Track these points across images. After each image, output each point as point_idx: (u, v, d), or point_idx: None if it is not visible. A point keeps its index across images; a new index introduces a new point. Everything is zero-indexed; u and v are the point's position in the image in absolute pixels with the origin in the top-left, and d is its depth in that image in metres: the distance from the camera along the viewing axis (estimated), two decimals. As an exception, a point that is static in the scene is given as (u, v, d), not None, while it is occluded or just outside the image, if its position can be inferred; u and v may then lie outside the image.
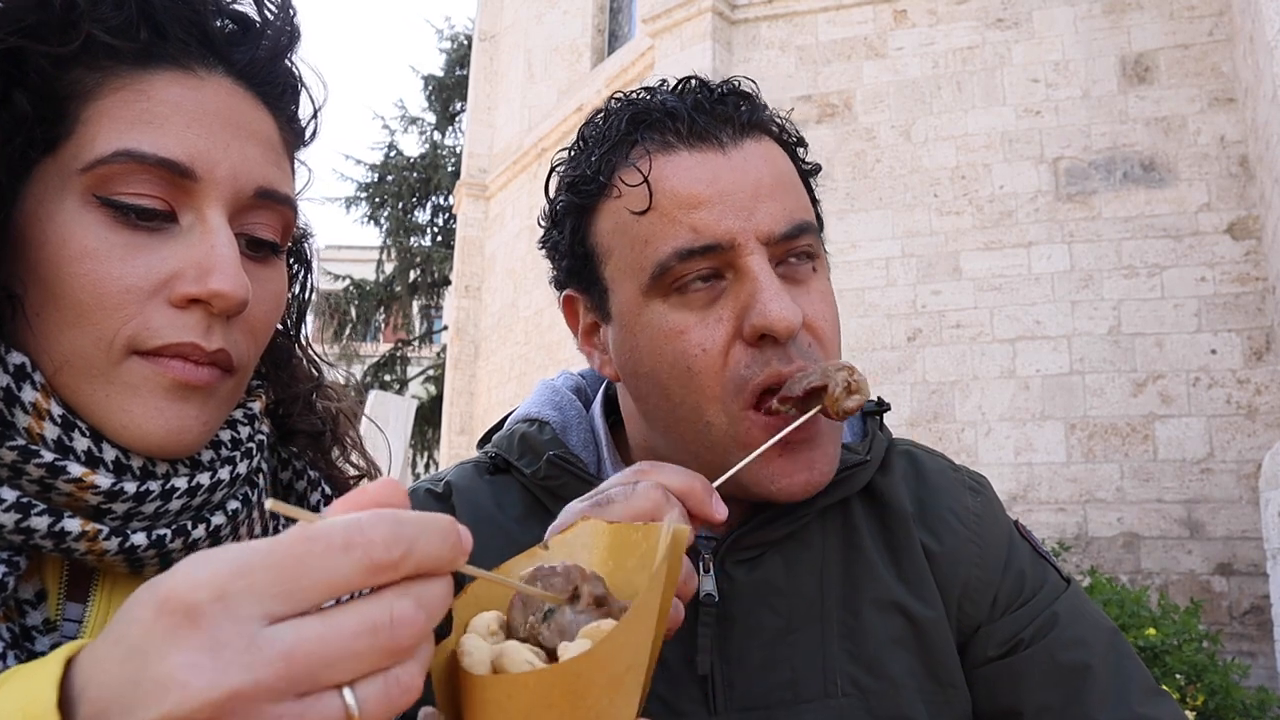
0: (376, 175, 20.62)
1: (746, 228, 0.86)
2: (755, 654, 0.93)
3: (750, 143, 0.91)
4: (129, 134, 0.62)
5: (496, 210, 12.49)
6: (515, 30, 12.93)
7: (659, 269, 0.87)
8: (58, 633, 0.58)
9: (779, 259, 0.89)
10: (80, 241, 0.60)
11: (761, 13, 8.37)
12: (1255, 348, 6.51)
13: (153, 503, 0.60)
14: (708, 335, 0.86)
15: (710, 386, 0.86)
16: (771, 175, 0.90)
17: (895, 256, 7.43)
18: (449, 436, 12.22)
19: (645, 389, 0.92)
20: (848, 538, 0.99)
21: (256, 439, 0.71)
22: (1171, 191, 6.89)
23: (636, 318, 0.90)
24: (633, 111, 0.92)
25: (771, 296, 0.84)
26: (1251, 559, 6.16)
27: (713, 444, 0.88)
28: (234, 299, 0.63)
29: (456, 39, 20.93)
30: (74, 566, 0.63)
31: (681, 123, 0.89)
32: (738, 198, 0.87)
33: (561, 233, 0.97)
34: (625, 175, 0.89)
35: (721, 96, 0.93)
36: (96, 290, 0.60)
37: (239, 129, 0.67)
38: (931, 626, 0.95)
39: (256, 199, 0.67)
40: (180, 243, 0.63)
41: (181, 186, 0.63)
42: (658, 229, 0.87)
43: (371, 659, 0.40)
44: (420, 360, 20.89)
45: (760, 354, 0.86)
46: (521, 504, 1.00)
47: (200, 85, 0.66)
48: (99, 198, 0.61)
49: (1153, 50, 7.14)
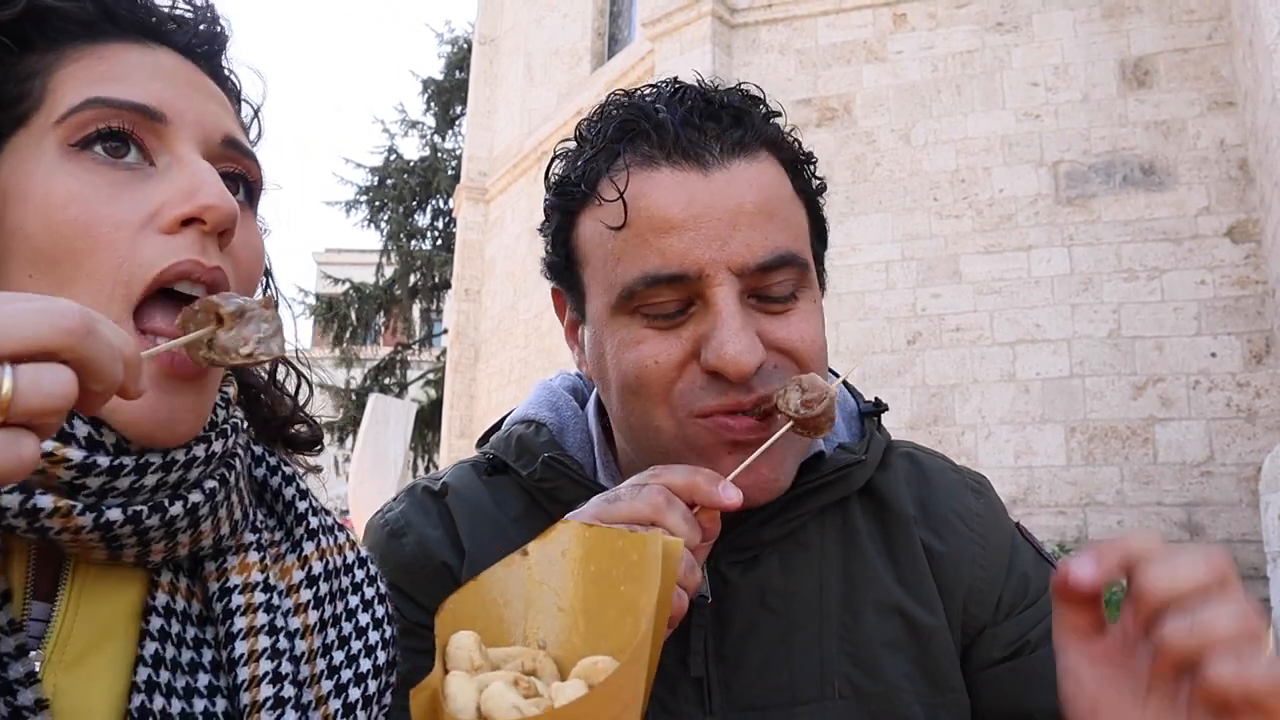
0: (376, 179, 20.65)
1: (718, 258, 0.83)
2: (751, 655, 0.92)
3: (739, 163, 0.87)
4: (96, 86, 0.64)
5: (496, 214, 12.50)
6: (515, 34, 12.95)
7: (626, 291, 0.86)
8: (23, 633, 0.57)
9: (753, 290, 0.86)
10: (65, 187, 0.61)
11: (761, 16, 8.38)
12: (1255, 351, 6.51)
13: (127, 477, 0.59)
14: (663, 349, 0.86)
15: (658, 394, 0.86)
16: (756, 200, 0.86)
17: (895, 260, 7.44)
18: (449, 440, 12.22)
19: (610, 395, 0.93)
20: (846, 538, 0.98)
21: (231, 421, 0.71)
22: (1171, 195, 6.90)
23: (604, 326, 0.90)
24: (622, 118, 0.90)
25: (730, 335, 0.82)
26: (1251, 562, 6.15)
27: (663, 448, 0.88)
28: (224, 210, 0.63)
29: (456, 43, 20.97)
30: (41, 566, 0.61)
31: (667, 136, 0.86)
32: (713, 225, 0.83)
33: (549, 231, 0.97)
34: (605, 188, 0.88)
35: (716, 111, 0.89)
36: (89, 232, 0.61)
37: (197, 87, 0.69)
38: (930, 630, 0.95)
39: (224, 148, 0.69)
40: (161, 179, 0.64)
41: (153, 130, 0.65)
42: (628, 249, 0.86)
43: (38, 329, 0.41)
44: (420, 363, 20.90)
45: (715, 383, 0.84)
46: (519, 504, 1.00)
47: (154, 52, 0.69)
48: (75, 144, 0.62)
49: (1152, 54, 7.15)
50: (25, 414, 0.40)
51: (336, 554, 0.76)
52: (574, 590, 0.62)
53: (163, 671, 0.61)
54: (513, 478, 1.02)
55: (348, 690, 0.70)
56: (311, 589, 0.72)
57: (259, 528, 0.73)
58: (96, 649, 0.61)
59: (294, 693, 0.66)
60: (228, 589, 0.67)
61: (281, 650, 0.67)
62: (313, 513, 0.77)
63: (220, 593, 0.67)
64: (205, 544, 0.66)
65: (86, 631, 0.61)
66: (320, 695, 0.68)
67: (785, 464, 0.89)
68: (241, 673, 0.65)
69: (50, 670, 0.59)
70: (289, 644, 0.68)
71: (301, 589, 0.72)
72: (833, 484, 0.95)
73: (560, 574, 0.62)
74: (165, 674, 0.62)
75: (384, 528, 1.02)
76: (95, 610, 0.62)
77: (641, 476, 0.78)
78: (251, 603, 0.67)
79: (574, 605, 0.61)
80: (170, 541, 0.63)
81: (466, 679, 0.52)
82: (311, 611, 0.71)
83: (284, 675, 0.66)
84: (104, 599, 0.63)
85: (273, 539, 0.74)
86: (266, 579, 0.69)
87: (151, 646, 0.62)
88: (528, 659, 0.57)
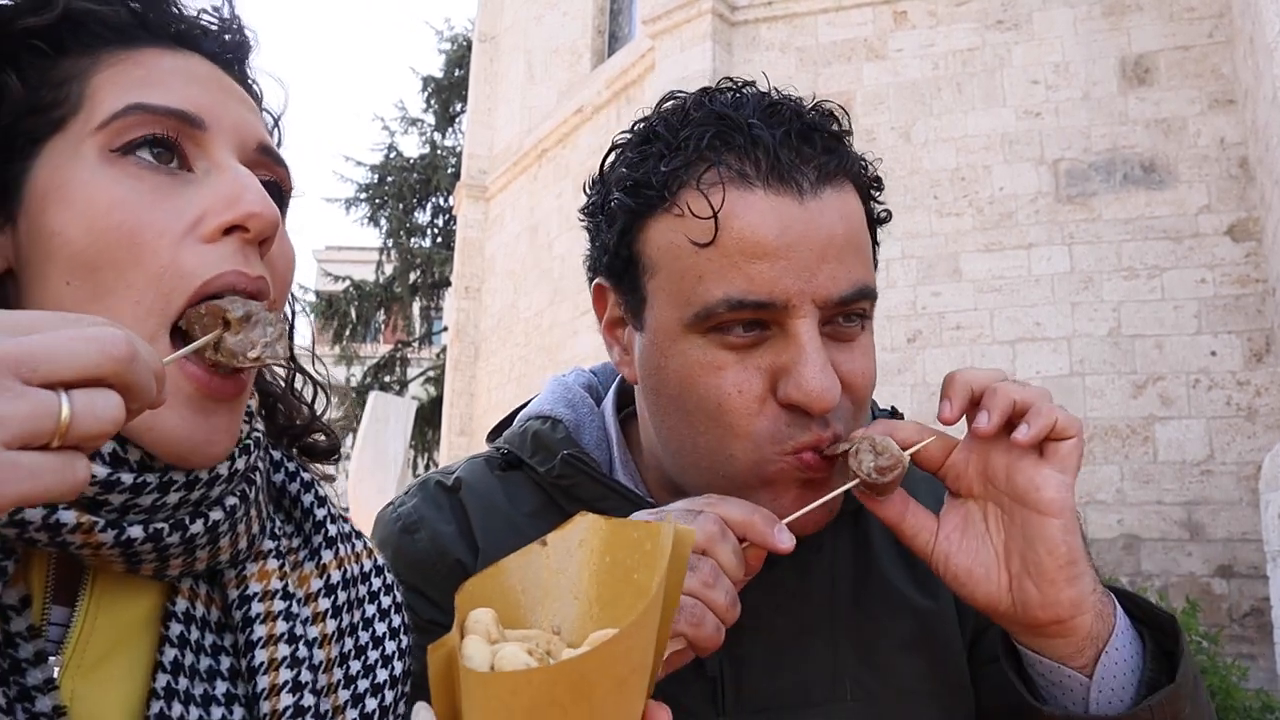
0: (376, 176, 20.63)
1: (805, 290, 0.82)
2: (765, 656, 0.92)
3: (829, 191, 0.85)
4: (135, 92, 0.64)
5: (496, 211, 12.50)
6: (515, 31, 12.93)
7: (705, 311, 0.83)
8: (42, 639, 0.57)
9: (829, 319, 0.85)
10: (108, 192, 0.61)
11: (761, 14, 8.38)
12: (1255, 349, 6.51)
13: (149, 495, 0.59)
14: (745, 379, 0.84)
15: (741, 425, 0.84)
16: (844, 232, 0.84)
17: (895, 258, 7.43)
18: (449, 438, 12.22)
19: (666, 409, 0.90)
20: (859, 541, 0.99)
21: (253, 436, 0.70)
22: (1171, 193, 6.89)
23: (672, 344, 0.87)
24: (716, 128, 0.85)
25: (814, 373, 0.81)
26: (1252, 561, 6.16)
27: (733, 476, 0.86)
28: (268, 218, 0.64)
29: (456, 40, 20.94)
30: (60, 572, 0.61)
31: (765, 155, 0.83)
32: (804, 256, 0.82)
33: (610, 228, 0.92)
34: (693, 200, 0.84)
35: (809, 130, 0.86)
36: (132, 240, 0.60)
37: (230, 93, 0.70)
38: (941, 626, 0.96)
39: (259, 154, 0.69)
40: (201, 186, 0.64)
41: (192, 137, 0.65)
42: (714, 269, 0.83)
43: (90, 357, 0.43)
44: (420, 361, 20.89)
45: (795, 417, 0.84)
46: (534, 500, 0.99)
47: (186, 58, 0.69)
48: (117, 150, 0.62)
49: (1153, 52, 7.14)
50: (79, 438, 0.42)
51: (354, 562, 0.76)
52: (589, 579, 0.63)
53: (181, 679, 0.61)
54: (527, 474, 1.01)
55: (364, 700, 0.70)
56: (329, 598, 0.72)
57: (277, 534, 0.73)
58: (114, 654, 0.61)
59: (313, 702, 0.66)
60: (247, 596, 0.67)
61: (301, 659, 0.67)
62: (331, 520, 0.77)
63: (240, 600, 0.67)
64: (223, 559, 0.66)
65: (105, 637, 0.61)
66: (337, 705, 0.68)
67: (837, 504, 0.88)
68: (261, 681, 0.64)
69: (68, 676, 0.59)
70: (308, 652, 0.67)
71: (320, 597, 0.72)
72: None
73: (576, 564, 0.63)
74: (184, 681, 0.62)
75: (396, 522, 1.01)
76: (115, 615, 0.62)
77: (695, 502, 0.78)
78: (271, 610, 0.67)
79: (589, 593, 0.62)
80: (189, 557, 0.63)
81: (483, 643, 0.54)
82: (329, 621, 0.71)
83: (304, 684, 0.66)
84: (124, 604, 0.63)
85: (290, 545, 0.74)
86: (285, 586, 0.69)
87: (171, 653, 0.62)
88: (542, 640, 0.58)
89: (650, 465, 1.00)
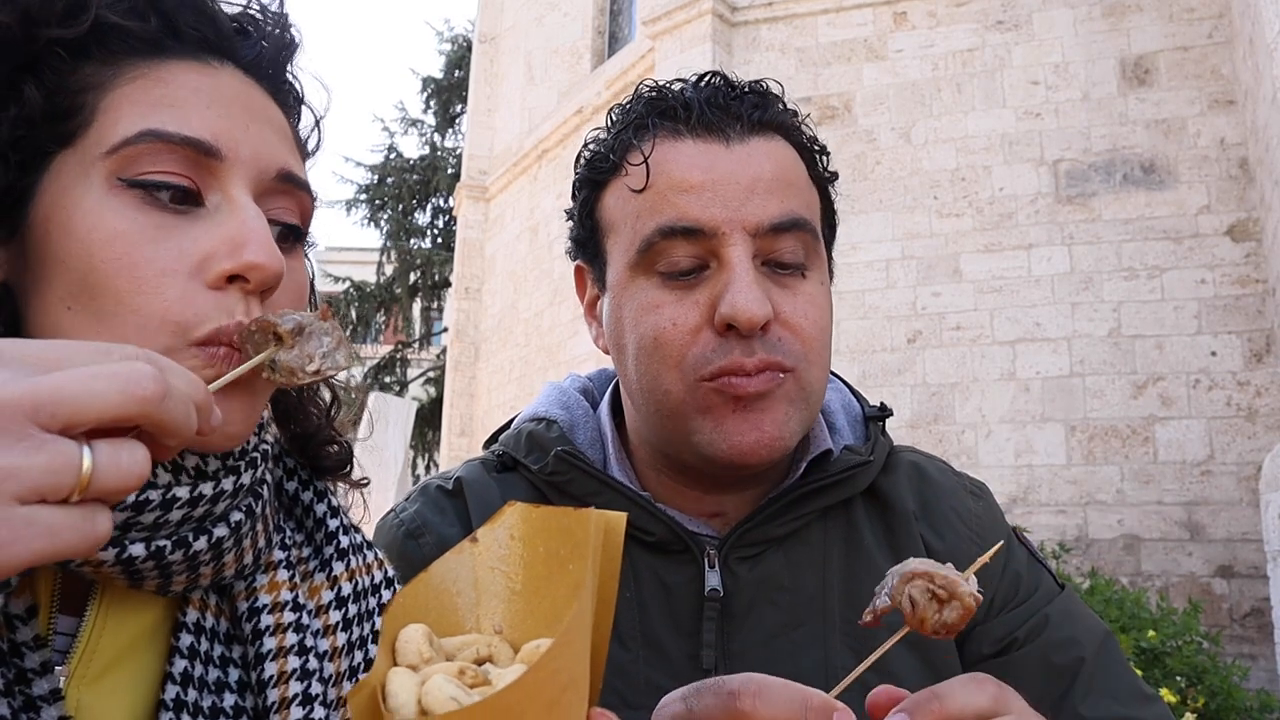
0: (376, 177, 20.62)
1: (734, 217, 0.88)
2: (758, 650, 0.93)
3: (758, 140, 0.93)
4: (151, 115, 0.61)
5: (497, 212, 12.49)
6: (515, 32, 12.93)
7: (644, 244, 0.90)
8: (48, 648, 0.56)
9: (767, 255, 0.90)
10: (110, 224, 0.59)
11: (761, 15, 8.38)
12: (1255, 350, 6.51)
13: (151, 512, 0.58)
14: (681, 313, 0.89)
15: (673, 356, 0.89)
16: (773, 172, 0.91)
17: (895, 259, 7.43)
18: (449, 438, 12.22)
19: (623, 360, 0.96)
20: (849, 536, 0.99)
21: (262, 448, 0.69)
22: (1171, 194, 6.89)
23: (623, 290, 0.93)
24: (651, 99, 0.97)
25: (741, 288, 0.86)
26: (1252, 561, 6.16)
27: (671, 411, 0.90)
28: (270, 270, 0.61)
29: (456, 41, 20.94)
30: (67, 581, 0.61)
31: (692, 112, 0.92)
32: (731, 188, 0.89)
33: (577, 204, 1.01)
34: (632, 157, 0.94)
35: (740, 95, 0.95)
36: (132, 274, 0.59)
37: (255, 114, 0.66)
38: None
39: (278, 182, 0.66)
40: (209, 223, 0.62)
41: (206, 167, 0.62)
42: (649, 206, 0.91)
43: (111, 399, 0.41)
44: (420, 362, 20.89)
45: (724, 343, 0.87)
46: (529, 500, 1.00)
47: (215, 73, 0.66)
48: (125, 180, 0.60)
49: (1152, 52, 7.14)
50: (101, 493, 0.40)
51: (365, 574, 0.75)
52: (524, 571, 0.61)
53: (190, 690, 0.61)
54: (522, 474, 1.02)
55: None
56: (341, 610, 0.71)
57: (288, 544, 0.72)
58: (120, 664, 0.61)
59: (323, 715, 0.65)
60: (257, 609, 0.66)
61: (311, 671, 0.66)
62: (343, 531, 0.76)
63: (249, 612, 0.66)
64: (228, 574, 0.65)
65: (112, 647, 0.61)
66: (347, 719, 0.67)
67: (790, 424, 0.90)
68: (271, 694, 0.64)
69: (74, 686, 0.58)
70: (318, 665, 0.67)
71: (331, 610, 0.71)
72: (839, 484, 0.97)
73: (511, 556, 0.61)
74: (193, 693, 0.61)
75: (399, 528, 1.01)
76: (122, 625, 0.62)
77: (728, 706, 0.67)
78: (281, 622, 0.66)
79: (526, 586, 0.60)
80: (192, 574, 0.62)
81: (408, 675, 0.51)
82: (340, 634, 0.70)
83: (314, 697, 0.65)
84: (131, 614, 0.62)
85: (301, 555, 0.73)
86: (296, 598, 0.68)
87: (181, 664, 0.61)
88: (482, 645, 0.56)
89: (641, 456, 1.01)
